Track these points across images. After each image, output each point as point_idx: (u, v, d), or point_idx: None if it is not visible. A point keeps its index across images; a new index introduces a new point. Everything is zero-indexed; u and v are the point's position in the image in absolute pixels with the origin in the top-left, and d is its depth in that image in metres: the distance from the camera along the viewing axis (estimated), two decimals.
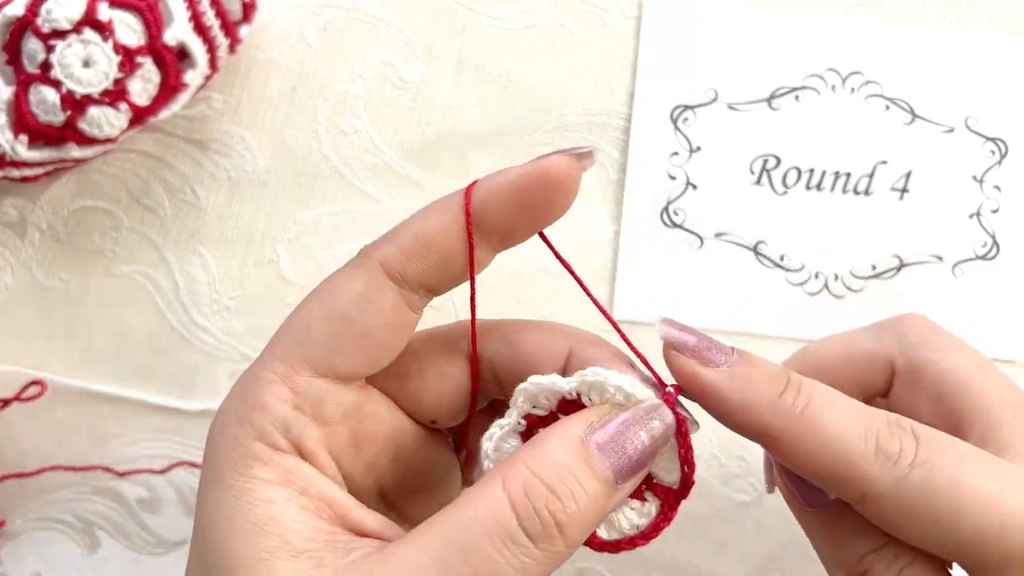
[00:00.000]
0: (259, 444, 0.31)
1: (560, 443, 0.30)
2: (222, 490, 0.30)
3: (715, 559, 0.50)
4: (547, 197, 0.32)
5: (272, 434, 0.31)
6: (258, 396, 0.31)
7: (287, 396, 0.31)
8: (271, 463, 0.31)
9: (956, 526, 0.30)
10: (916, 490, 0.30)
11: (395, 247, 0.32)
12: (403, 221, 0.33)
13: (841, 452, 0.31)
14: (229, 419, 0.32)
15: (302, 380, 0.32)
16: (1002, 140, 0.50)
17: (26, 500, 0.50)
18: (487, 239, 0.32)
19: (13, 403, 0.50)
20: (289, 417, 0.31)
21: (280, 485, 0.30)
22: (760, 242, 0.50)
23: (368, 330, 0.32)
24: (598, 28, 0.51)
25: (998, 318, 0.50)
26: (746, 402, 0.31)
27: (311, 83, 0.51)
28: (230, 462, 0.31)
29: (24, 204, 0.51)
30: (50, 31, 0.45)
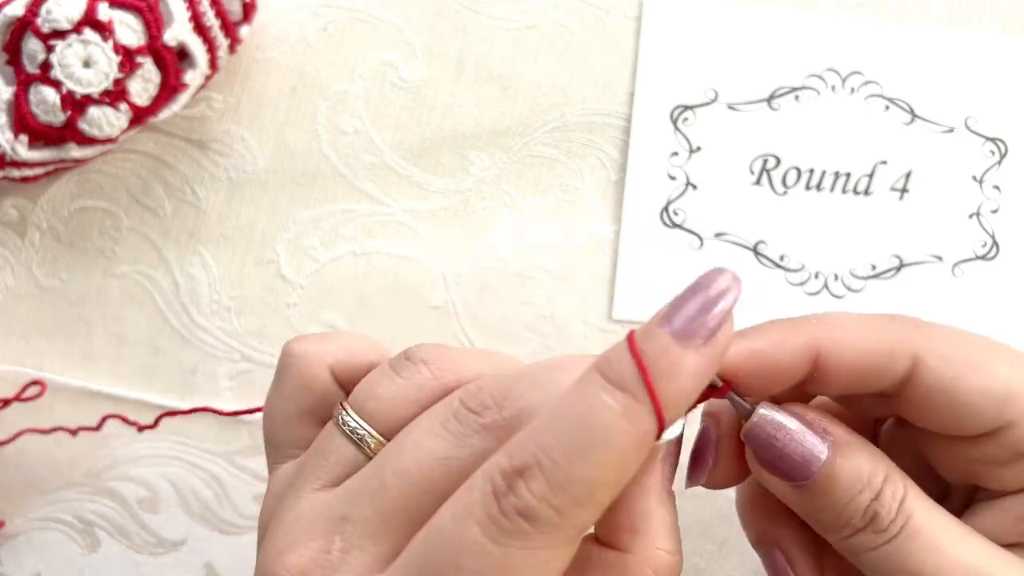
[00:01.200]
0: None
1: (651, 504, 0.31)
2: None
3: (715, 559, 0.50)
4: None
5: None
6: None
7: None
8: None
9: (995, 371, 0.31)
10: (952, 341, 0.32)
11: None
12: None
13: (876, 331, 0.32)
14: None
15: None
16: (1002, 140, 0.50)
17: (26, 500, 0.50)
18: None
19: (13, 403, 0.50)
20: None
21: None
22: (760, 242, 0.50)
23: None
24: (598, 28, 0.51)
25: (998, 318, 0.50)
26: (776, 339, 0.32)
27: (311, 83, 0.51)
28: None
29: (24, 204, 0.51)
30: (50, 31, 0.45)
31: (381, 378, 0.33)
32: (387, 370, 0.33)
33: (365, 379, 0.34)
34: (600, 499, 0.28)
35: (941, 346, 0.32)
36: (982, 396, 0.32)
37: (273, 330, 0.50)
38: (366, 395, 0.33)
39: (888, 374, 0.32)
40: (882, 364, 0.32)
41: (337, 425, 0.33)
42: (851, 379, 0.33)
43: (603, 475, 0.27)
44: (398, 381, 0.33)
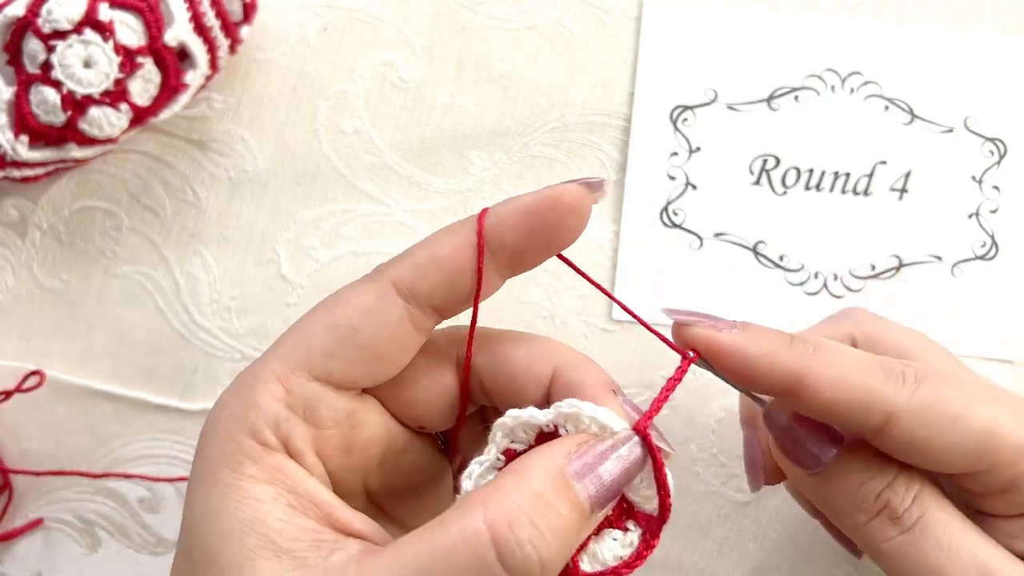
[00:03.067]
0: (250, 441, 0.31)
1: (541, 473, 0.30)
2: (212, 486, 0.31)
3: (715, 559, 0.50)
4: (558, 223, 0.33)
5: (263, 431, 0.31)
6: (253, 394, 0.32)
7: (280, 395, 0.32)
8: (260, 461, 0.31)
9: (970, 424, 0.33)
10: (929, 399, 0.33)
11: (407, 265, 0.33)
12: (418, 242, 0.34)
13: (858, 380, 0.33)
14: (223, 415, 0.32)
15: (297, 381, 0.32)
16: (1001, 140, 0.50)
17: (26, 500, 0.51)
18: (498, 262, 0.33)
19: (13, 402, 0.50)
20: (280, 415, 0.32)
21: (268, 483, 0.31)
22: (760, 242, 0.50)
23: (371, 341, 0.32)
24: (598, 28, 0.51)
25: (997, 318, 0.50)
26: (765, 352, 0.33)
27: (311, 83, 0.51)
28: (222, 457, 0.31)
29: (25, 204, 0.51)
30: (51, 31, 0.45)
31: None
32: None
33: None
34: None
35: (918, 405, 0.33)
36: (954, 450, 0.33)
37: (273, 330, 0.50)
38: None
39: (863, 424, 0.34)
40: (857, 415, 0.33)
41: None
42: (825, 417, 0.34)
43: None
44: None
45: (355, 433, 0.34)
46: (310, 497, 0.31)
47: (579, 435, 0.31)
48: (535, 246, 0.33)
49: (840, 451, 0.35)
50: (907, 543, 0.34)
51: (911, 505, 0.34)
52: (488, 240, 0.33)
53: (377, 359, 0.33)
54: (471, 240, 0.33)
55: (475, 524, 0.28)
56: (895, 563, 0.34)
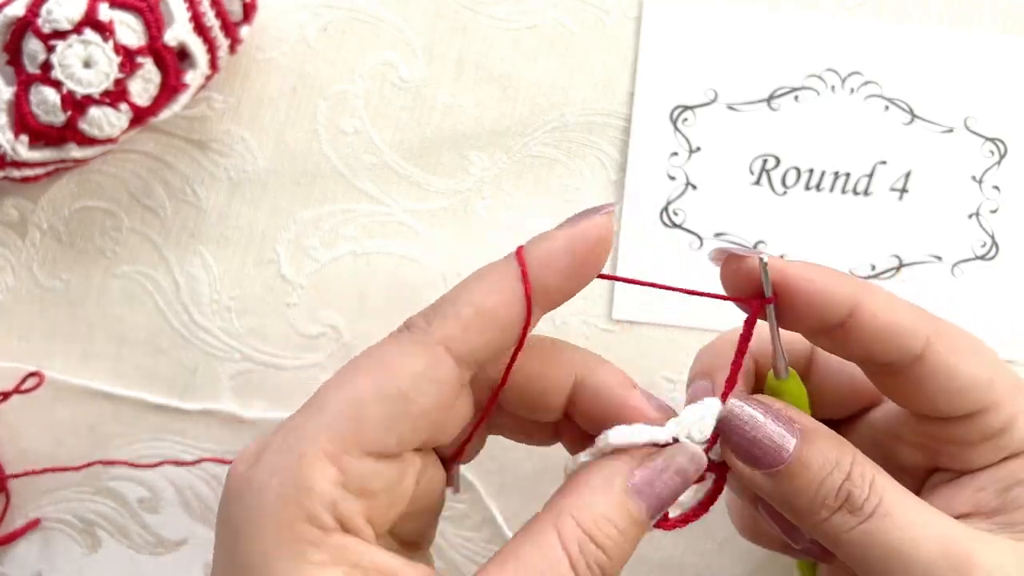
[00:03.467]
0: (309, 527, 0.30)
1: (605, 494, 0.32)
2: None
3: (715, 559, 0.50)
4: (594, 259, 0.33)
5: (321, 516, 0.30)
6: (304, 478, 0.30)
7: (335, 477, 0.30)
8: (322, 545, 0.30)
9: (986, 359, 0.36)
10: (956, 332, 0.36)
11: (456, 325, 0.32)
12: (454, 291, 0.33)
13: (905, 305, 0.35)
14: (267, 499, 0.30)
15: (353, 461, 0.31)
16: (1001, 140, 0.50)
17: (26, 500, 0.51)
18: (539, 304, 0.33)
19: (13, 401, 0.50)
20: (337, 497, 0.30)
21: (334, 565, 0.30)
22: (760, 242, 0.50)
23: (427, 411, 0.31)
24: (598, 28, 0.51)
25: (997, 318, 0.50)
26: (828, 279, 0.35)
27: (311, 83, 0.51)
28: (279, 549, 0.30)
29: (25, 204, 0.51)
30: (51, 31, 0.45)
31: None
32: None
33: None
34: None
35: (948, 335, 0.35)
36: (973, 380, 0.35)
37: (273, 330, 0.50)
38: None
39: (907, 348, 0.35)
40: (905, 338, 0.35)
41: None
42: (875, 342, 0.35)
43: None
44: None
45: (399, 488, 0.33)
46: (376, 568, 0.30)
47: (639, 450, 0.33)
48: (576, 284, 0.33)
49: (797, 446, 0.34)
50: (868, 531, 0.34)
51: (869, 493, 0.34)
52: (533, 287, 0.33)
53: (432, 427, 0.32)
54: (516, 291, 0.32)
55: (555, 551, 0.31)
56: (859, 552, 0.34)
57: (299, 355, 0.50)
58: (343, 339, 0.50)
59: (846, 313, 0.34)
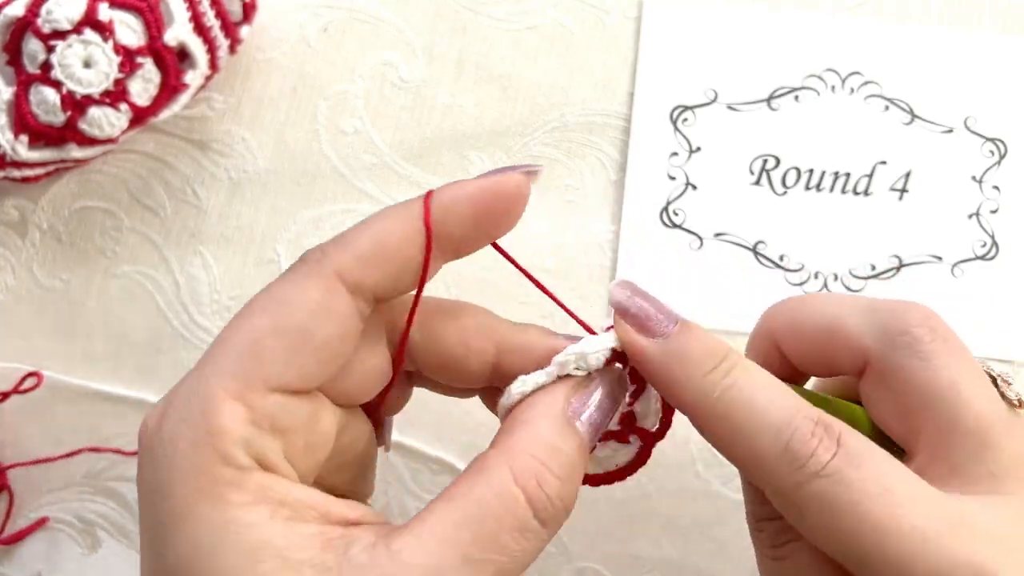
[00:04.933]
0: (225, 468, 0.29)
1: (550, 423, 0.32)
2: (196, 524, 0.29)
3: (715, 559, 0.50)
4: (503, 211, 0.33)
5: (236, 455, 0.29)
6: (212, 418, 0.29)
7: (243, 414, 0.30)
8: (243, 485, 0.29)
9: (846, 545, 0.30)
10: (815, 499, 0.30)
11: (352, 255, 0.32)
12: (355, 227, 0.33)
13: (749, 444, 0.31)
14: (180, 446, 0.29)
15: (257, 397, 0.30)
16: (1001, 140, 0.50)
17: (26, 500, 0.51)
18: (442, 249, 0.33)
19: (13, 402, 0.50)
20: (249, 435, 0.30)
21: (258, 504, 0.29)
22: (760, 242, 0.50)
23: (324, 342, 0.31)
24: (598, 28, 0.51)
25: (997, 318, 0.50)
26: (669, 376, 0.32)
27: (311, 83, 0.51)
28: (197, 493, 0.29)
29: (25, 204, 0.51)
30: (50, 31, 0.45)
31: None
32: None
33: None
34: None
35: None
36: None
37: None
38: None
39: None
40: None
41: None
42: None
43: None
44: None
45: (314, 429, 0.32)
46: (302, 503, 0.30)
47: (571, 379, 0.33)
48: (479, 235, 0.33)
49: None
50: (773, 568, 0.33)
51: (779, 546, 0.34)
52: (435, 228, 0.32)
53: (331, 358, 0.32)
54: (417, 228, 0.32)
55: (508, 487, 0.30)
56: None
57: None
58: None
59: (684, 413, 0.33)
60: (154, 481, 0.30)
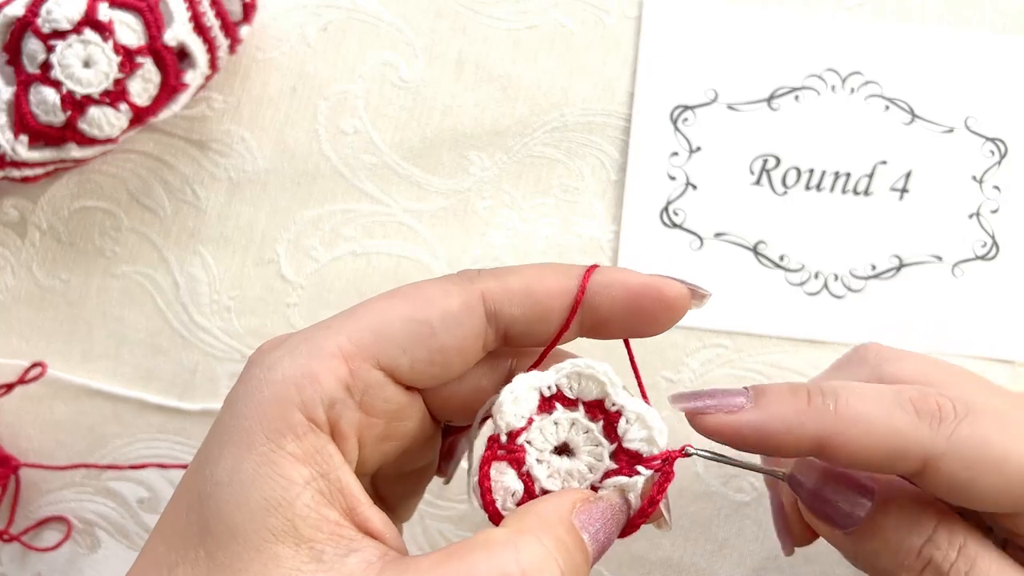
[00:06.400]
0: (299, 415, 0.30)
1: (559, 521, 0.31)
2: (246, 451, 0.30)
3: (715, 559, 0.50)
4: (654, 315, 0.33)
5: (316, 408, 0.30)
6: (314, 365, 0.31)
7: (343, 375, 0.31)
8: (303, 438, 0.30)
9: (1017, 467, 0.31)
10: (970, 440, 0.31)
11: (501, 286, 0.33)
12: (516, 266, 0.34)
13: (889, 428, 0.32)
14: (274, 376, 0.31)
15: (364, 367, 0.31)
16: (1002, 140, 0.50)
17: (27, 500, 0.51)
18: (584, 322, 0.33)
19: (13, 403, 0.50)
20: (337, 396, 0.31)
21: (304, 464, 0.30)
22: (760, 242, 0.50)
23: (446, 347, 0.32)
24: (598, 28, 0.51)
25: (998, 318, 0.50)
26: (784, 424, 0.32)
27: (311, 83, 0.51)
28: (263, 423, 0.30)
29: (24, 204, 0.51)
30: (50, 31, 0.45)
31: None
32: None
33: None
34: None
35: (959, 447, 0.32)
36: (998, 492, 0.32)
37: (273, 330, 0.50)
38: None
39: (899, 467, 0.33)
40: (892, 465, 0.32)
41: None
42: (859, 469, 0.33)
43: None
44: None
45: (398, 425, 0.33)
46: (340, 487, 0.31)
47: (580, 491, 0.32)
48: (623, 325, 0.33)
49: (874, 506, 0.34)
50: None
51: (956, 559, 0.33)
52: (586, 300, 0.33)
53: (445, 365, 0.32)
54: (571, 287, 0.33)
55: (508, 568, 0.29)
56: None
57: None
58: None
59: (812, 452, 0.33)
60: (238, 395, 0.31)
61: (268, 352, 0.32)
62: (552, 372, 0.33)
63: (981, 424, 0.32)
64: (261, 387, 0.31)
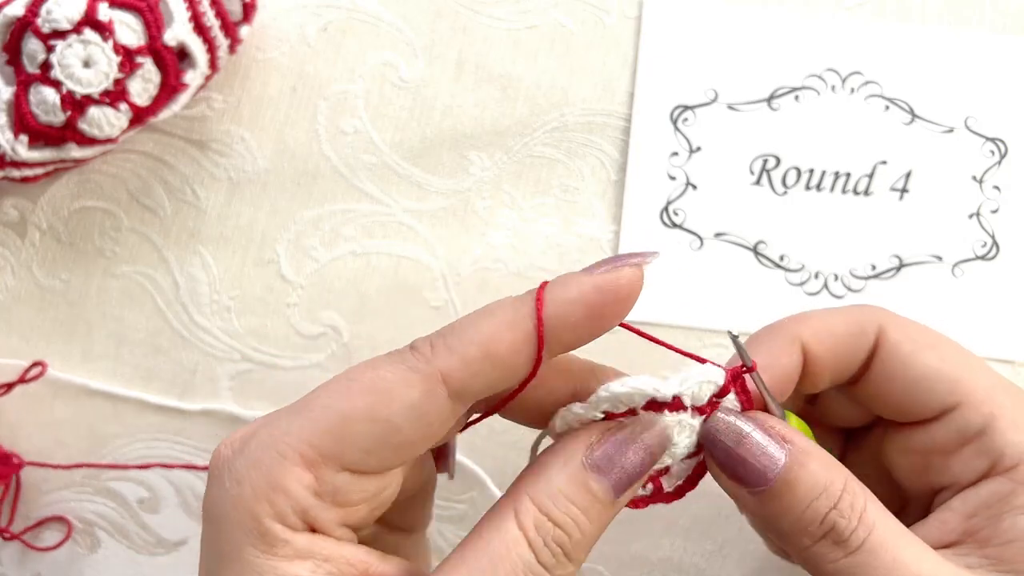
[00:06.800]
0: (277, 524, 0.30)
1: (562, 470, 0.31)
2: (242, 566, 0.30)
3: (715, 559, 0.50)
4: (614, 309, 0.32)
5: (289, 517, 0.30)
6: (278, 476, 0.30)
7: (309, 483, 0.30)
8: (291, 541, 0.30)
9: (946, 354, 0.37)
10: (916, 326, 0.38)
11: (460, 359, 0.31)
12: (465, 323, 0.31)
13: (846, 315, 0.37)
14: (243, 491, 0.30)
15: (328, 472, 0.31)
16: (1002, 140, 0.50)
17: (27, 500, 0.50)
18: (551, 351, 0.32)
19: (13, 402, 0.50)
20: (308, 503, 0.31)
21: (302, 559, 0.30)
22: (760, 242, 0.50)
23: (411, 441, 0.31)
24: (598, 28, 0.51)
25: (998, 318, 0.50)
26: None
27: (311, 83, 0.51)
28: (248, 539, 0.30)
29: (24, 204, 0.51)
30: (50, 31, 0.45)
31: None
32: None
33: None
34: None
35: (902, 326, 0.37)
36: (936, 373, 0.36)
37: (273, 330, 0.50)
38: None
39: (860, 348, 0.36)
40: (855, 340, 0.36)
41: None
42: (833, 361, 0.36)
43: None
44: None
45: (379, 499, 0.33)
46: (346, 559, 0.31)
47: (598, 424, 0.32)
48: (591, 334, 0.32)
49: (784, 468, 0.33)
50: (853, 565, 0.33)
51: (857, 526, 0.33)
52: (547, 331, 0.31)
53: (413, 451, 0.32)
54: (528, 335, 0.31)
55: (512, 531, 0.30)
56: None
57: (299, 355, 0.50)
58: (343, 339, 0.50)
59: (800, 360, 0.36)
60: (217, 509, 0.31)
61: (232, 461, 0.31)
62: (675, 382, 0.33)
63: (915, 321, 0.37)
64: (236, 504, 0.31)
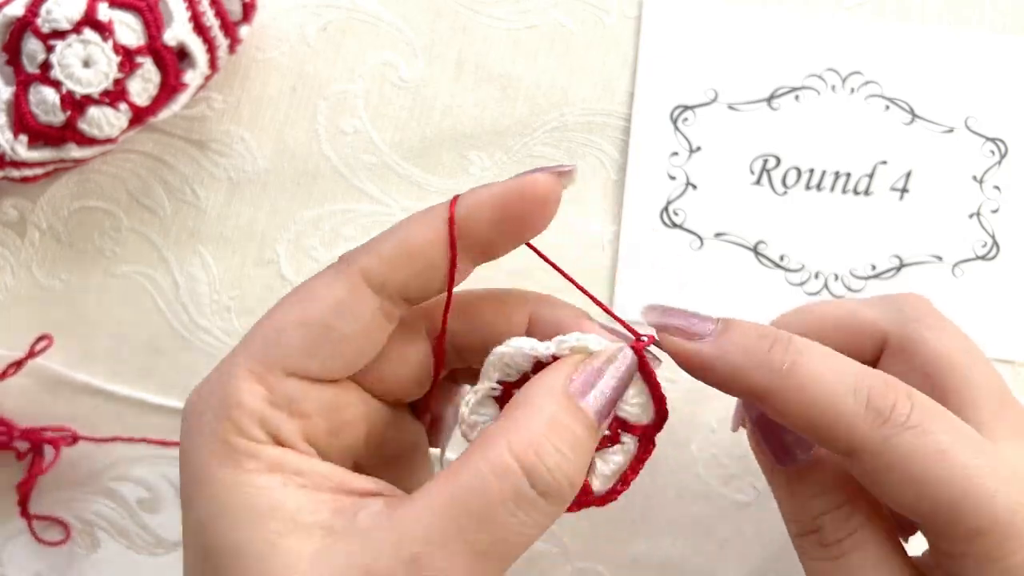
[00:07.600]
0: (240, 439, 0.31)
1: (550, 398, 0.31)
2: (215, 486, 0.31)
3: (715, 559, 0.50)
4: (529, 212, 0.33)
5: (251, 428, 0.31)
6: (232, 393, 0.32)
7: (261, 393, 0.32)
8: (258, 455, 0.31)
9: (935, 493, 0.31)
10: (904, 451, 0.31)
11: (377, 257, 0.33)
12: (385, 231, 0.33)
13: (830, 408, 0.32)
14: (204, 417, 0.32)
15: (276, 380, 0.32)
16: (1002, 140, 0.50)
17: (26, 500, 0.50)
18: (469, 252, 0.33)
19: (13, 402, 0.50)
20: (265, 412, 0.32)
21: (272, 472, 0.31)
22: (760, 242, 0.50)
23: (345, 337, 0.33)
24: (598, 28, 0.51)
25: (998, 318, 0.50)
26: (733, 367, 0.33)
27: (311, 83, 0.51)
28: (215, 458, 0.31)
29: (24, 204, 0.51)
30: (50, 31, 0.45)
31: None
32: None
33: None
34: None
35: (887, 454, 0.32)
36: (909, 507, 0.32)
37: None
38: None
39: (827, 445, 0.33)
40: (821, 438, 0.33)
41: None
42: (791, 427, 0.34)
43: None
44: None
45: (339, 416, 0.34)
46: (318, 474, 0.32)
47: (573, 356, 0.33)
48: (506, 237, 0.33)
49: (811, 457, 0.34)
50: (830, 569, 0.34)
51: (843, 539, 0.34)
52: (459, 231, 0.33)
53: (352, 352, 0.33)
54: (442, 231, 0.33)
55: (503, 458, 0.29)
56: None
57: None
58: None
59: (755, 399, 0.33)
60: (185, 448, 0.32)
61: (195, 401, 0.33)
62: (554, 343, 0.33)
63: (925, 440, 0.31)
64: (199, 430, 0.32)
